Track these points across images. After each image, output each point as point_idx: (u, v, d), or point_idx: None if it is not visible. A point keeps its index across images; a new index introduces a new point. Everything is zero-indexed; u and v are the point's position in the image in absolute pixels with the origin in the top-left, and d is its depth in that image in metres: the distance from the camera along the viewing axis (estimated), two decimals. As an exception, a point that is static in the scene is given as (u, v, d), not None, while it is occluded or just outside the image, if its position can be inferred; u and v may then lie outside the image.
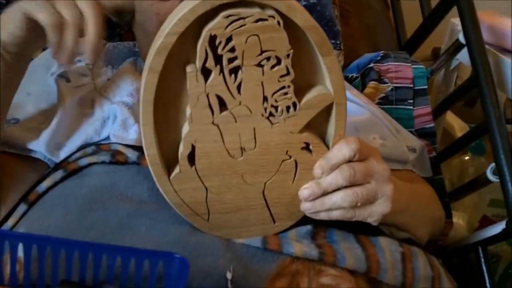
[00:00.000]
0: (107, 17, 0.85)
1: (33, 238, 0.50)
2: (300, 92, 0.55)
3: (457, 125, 1.28)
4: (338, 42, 1.08)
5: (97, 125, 0.72)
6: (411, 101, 1.00)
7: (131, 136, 0.70)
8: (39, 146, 0.71)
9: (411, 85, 1.01)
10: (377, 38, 1.20)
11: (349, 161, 0.56)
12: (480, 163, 1.21)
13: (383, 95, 1.00)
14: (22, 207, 0.66)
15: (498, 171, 0.82)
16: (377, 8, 1.24)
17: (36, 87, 0.77)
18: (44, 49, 0.84)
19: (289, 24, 0.51)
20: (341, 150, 0.56)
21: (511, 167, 0.81)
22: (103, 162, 0.68)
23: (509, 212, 0.78)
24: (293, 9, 0.50)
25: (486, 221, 1.11)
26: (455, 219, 1.08)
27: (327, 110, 0.56)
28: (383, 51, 1.05)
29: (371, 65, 1.03)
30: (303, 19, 0.51)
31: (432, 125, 1.00)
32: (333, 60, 0.53)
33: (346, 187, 0.57)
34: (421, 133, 0.99)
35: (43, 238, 0.51)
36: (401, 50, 1.15)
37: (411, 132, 0.96)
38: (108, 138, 0.71)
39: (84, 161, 0.68)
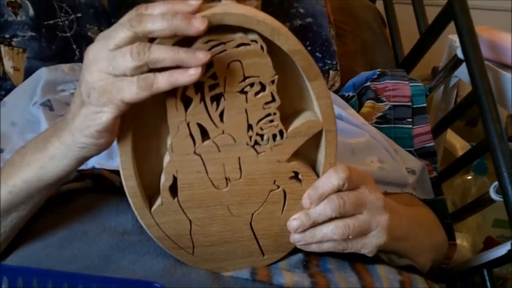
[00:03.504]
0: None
1: (18, 271, 0.49)
2: (287, 119, 0.53)
3: (458, 144, 1.28)
4: (334, 63, 1.07)
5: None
6: (410, 119, 0.99)
7: (116, 163, 0.67)
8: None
9: (410, 103, 1.00)
10: (374, 56, 1.19)
11: (339, 190, 0.54)
12: (482, 182, 1.20)
13: (381, 114, 0.99)
14: None
15: (501, 190, 0.80)
16: (373, 25, 1.24)
17: (20, 116, 0.77)
18: (25, 76, 0.86)
19: (274, 48, 0.49)
20: (329, 179, 0.54)
21: None
22: (85, 188, 0.67)
23: None
24: (277, 32, 0.48)
25: (490, 242, 1.10)
26: (458, 241, 1.06)
27: (317, 137, 0.54)
28: (379, 69, 1.04)
29: (368, 83, 1.02)
30: (288, 43, 0.49)
31: (432, 144, 0.98)
32: (321, 85, 0.51)
33: (337, 218, 0.55)
34: (421, 153, 0.98)
35: (28, 270, 0.50)
36: (399, 68, 1.14)
37: (410, 151, 0.95)
38: (93, 167, 0.69)
39: (67, 187, 0.66)
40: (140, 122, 0.51)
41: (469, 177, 1.25)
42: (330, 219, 0.55)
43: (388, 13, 1.24)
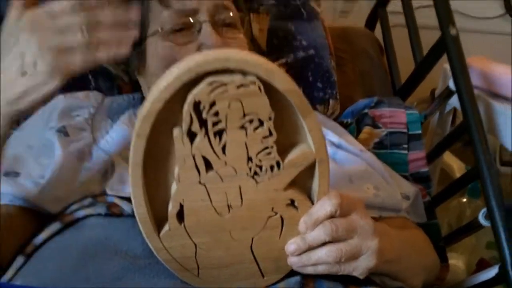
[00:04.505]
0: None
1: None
2: (283, 151, 0.57)
3: (455, 165, 1.31)
4: (334, 92, 1.11)
5: (96, 179, 0.74)
6: (406, 145, 1.02)
7: (126, 190, 0.71)
8: (38, 199, 0.73)
9: (405, 130, 1.03)
10: (372, 84, 1.23)
11: (332, 216, 0.58)
12: (476, 205, 1.22)
13: (378, 140, 1.02)
14: (20, 260, 0.67)
15: (489, 216, 0.83)
16: (372, 53, 1.27)
17: (36, 141, 0.79)
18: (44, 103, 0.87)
19: (270, 87, 0.53)
20: (323, 206, 0.58)
21: (502, 211, 0.82)
22: (99, 214, 0.70)
23: (501, 256, 0.80)
24: (272, 74, 0.53)
25: (483, 264, 1.11)
26: (454, 261, 1.09)
27: (311, 167, 0.58)
28: (377, 97, 1.07)
29: (366, 111, 1.05)
30: (282, 83, 0.53)
31: (426, 169, 1.01)
32: (314, 120, 0.56)
33: (331, 242, 0.58)
34: (416, 178, 1.01)
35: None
36: (396, 95, 1.18)
37: (405, 176, 0.97)
38: (105, 192, 0.73)
39: (81, 213, 0.70)
40: (150, 157, 0.55)
41: (464, 200, 1.27)
42: (324, 243, 0.58)
43: (386, 42, 1.28)
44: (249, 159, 0.56)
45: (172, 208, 0.57)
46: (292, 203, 0.59)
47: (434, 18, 1.00)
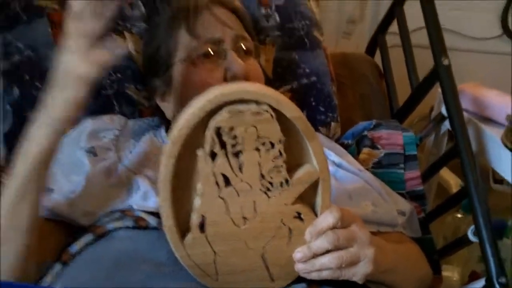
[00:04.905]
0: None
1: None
2: (291, 170, 0.65)
3: (452, 181, 1.36)
4: (335, 115, 1.17)
5: (122, 195, 0.81)
6: (402, 165, 1.08)
7: (151, 204, 0.78)
8: (70, 213, 0.80)
9: (402, 151, 1.10)
10: (371, 107, 1.29)
11: (334, 227, 0.66)
12: (470, 221, 1.26)
13: (376, 160, 1.09)
14: (58, 267, 0.74)
15: (477, 233, 0.91)
16: (371, 79, 1.34)
17: (67, 159, 0.85)
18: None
19: (280, 115, 0.62)
20: (326, 218, 0.66)
21: (489, 229, 0.89)
22: (127, 227, 0.76)
23: (487, 269, 0.86)
24: (281, 103, 0.62)
25: (474, 276, 1.17)
26: (449, 273, 1.15)
27: (315, 184, 0.66)
28: (375, 120, 1.14)
29: (365, 133, 1.12)
30: (290, 111, 0.62)
31: (421, 188, 1.08)
32: (317, 143, 0.64)
33: (333, 250, 0.66)
34: (412, 195, 1.07)
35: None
36: (394, 118, 1.24)
37: (402, 194, 1.04)
38: (131, 206, 0.80)
39: (111, 226, 0.76)
40: (176, 175, 0.63)
41: (459, 215, 1.34)
42: (327, 251, 0.66)
43: (385, 67, 1.33)
44: (262, 176, 0.64)
45: (195, 219, 0.65)
46: (298, 215, 0.66)
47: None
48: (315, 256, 0.66)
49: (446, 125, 1.18)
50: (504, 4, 1.69)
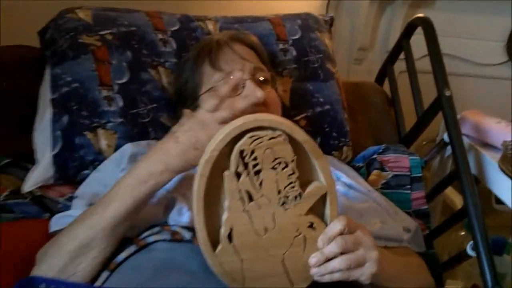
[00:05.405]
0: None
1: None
2: (303, 185, 0.75)
3: (457, 200, 1.43)
4: (347, 140, 1.25)
5: (160, 211, 0.89)
6: (409, 186, 1.17)
7: (185, 219, 0.87)
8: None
9: (408, 173, 1.19)
10: (380, 132, 1.37)
11: (342, 234, 0.74)
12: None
13: (385, 181, 1.18)
14: (105, 274, 0.81)
15: (475, 248, 0.98)
16: (380, 106, 1.42)
17: (110, 180, 0.89)
18: (114, 151, 1.06)
19: (292, 139, 0.72)
20: (335, 226, 0.74)
21: (485, 244, 0.97)
22: (164, 240, 0.83)
23: (484, 282, 0.94)
24: (293, 129, 0.72)
25: None
26: (453, 286, 1.22)
27: (323, 198, 0.76)
28: (384, 144, 1.23)
29: (375, 156, 1.22)
30: (300, 135, 0.73)
31: (426, 207, 1.16)
32: (324, 162, 0.74)
33: (342, 254, 0.74)
34: (417, 214, 1.16)
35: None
36: (401, 142, 1.32)
37: (408, 213, 1.12)
38: (168, 221, 0.88)
39: (151, 239, 0.83)
40: (206, 192, 0.72)
41: (462, 233, 1.41)
42: (337, 256, 0.74)
43: (393, 95, 1.42)
44: (279, 191, 0.73)
45: (224, 231, 0.73)
46: (311, 225, 0.75)
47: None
48: (327, 260, 0.74)
49: (450, 149, 1.22)
50: (509, 31, 1.75)
